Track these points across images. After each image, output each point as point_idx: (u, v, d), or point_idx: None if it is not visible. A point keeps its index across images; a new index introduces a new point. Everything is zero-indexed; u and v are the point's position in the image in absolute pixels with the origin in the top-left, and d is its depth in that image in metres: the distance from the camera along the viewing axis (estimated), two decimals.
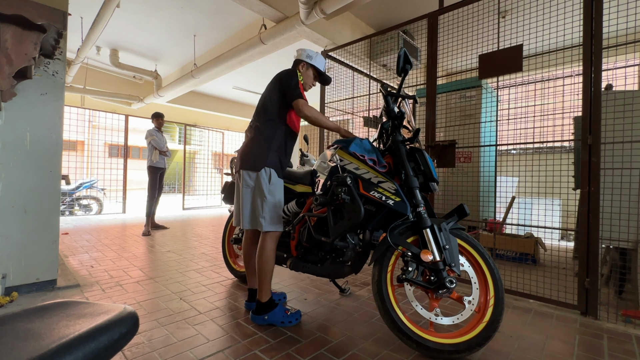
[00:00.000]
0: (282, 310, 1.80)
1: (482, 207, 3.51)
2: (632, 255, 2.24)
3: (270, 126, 1.82)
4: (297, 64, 2.01)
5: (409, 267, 1.48)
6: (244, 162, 1.82)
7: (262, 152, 1.79)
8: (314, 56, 1.99)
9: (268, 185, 1.77)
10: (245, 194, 1.82)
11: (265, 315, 1.77)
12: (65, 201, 6.05)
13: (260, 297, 1.78)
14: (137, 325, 0.59)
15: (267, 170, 1.78)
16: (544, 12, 2.53)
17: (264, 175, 1.77)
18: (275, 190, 1.79)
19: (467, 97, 3.55)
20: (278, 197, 1.80)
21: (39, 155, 2.21)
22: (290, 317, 1.80)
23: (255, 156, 1.79)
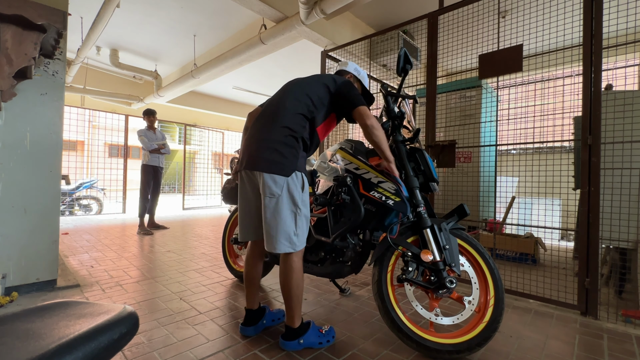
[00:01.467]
0: (315, 330, 1.57)
1: (482, 207, 3.51)
2: (632, 255, 2.24)
3: (302, 121, 1.49)
4: (343, 74, 1.80)
5: (409, 267, 1.48)
6: (264, 162, 1.42)
7: (292, 151, 1.43)
8: (361, 71, 1.86)
9: (301, 194, 1.44)
10: (269, 206, 1.42)
11: (301, 339, 1.51)
12: (65, 201, 6.05)
13: (293, 322, 1.51)
14: (137, 325, 0.59)
15: (299, 175, 1.45)
16: (544, 12, 2.53)
17: (295, 182, 1.42)
18: (307, 201, 1.50)
19: (467, 97, 3.55)
20: (308, 209, 1.51)
21: (39, 155, 2.21)
22: (327, 336, 1.58)
23: (283, 156, 1.42)
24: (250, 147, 1.51)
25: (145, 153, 4.51)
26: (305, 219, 1.48)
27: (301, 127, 1.49)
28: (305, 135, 1.50)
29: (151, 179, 4.56)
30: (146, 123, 4.63)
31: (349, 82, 1.62)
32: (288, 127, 1.46)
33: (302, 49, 5.20)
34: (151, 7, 4.48)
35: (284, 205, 1.42)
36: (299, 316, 1.53)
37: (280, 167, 1.41)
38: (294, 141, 1.46)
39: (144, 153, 4.52)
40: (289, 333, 1.53)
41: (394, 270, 1.61)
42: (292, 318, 1.51)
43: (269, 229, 1.44)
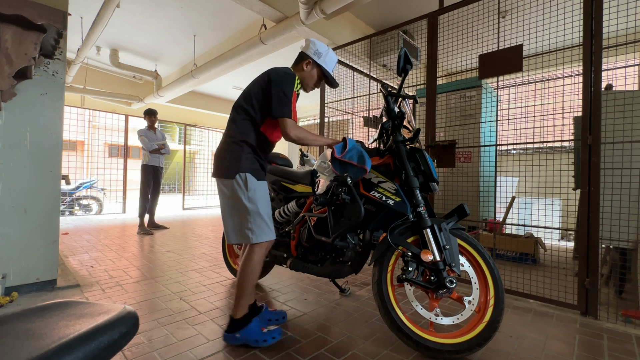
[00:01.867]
0: (258, 326, 1.57)
1: (482, 207, 3.51)
2: (632, 255, 2.24)
3: (246, 126, 1.59)
4: (302, 59, 1.73)
5: (409, 267, 1.48)
6: (216, 169, 1.60)
7: (234, 155, 1.56)
8: (324, 53, 1.72)
9: (246, 192, 1.54)
10: (224, 205, 1.60)
11: (237, 333, 1.54)
12: (65, 201, 6.05)
13: (235, 312, 1.58)
14: (137, 325, 0.59)
15: (242, 176, 1.54)
16: (544, 12, 2.53)
17: (240, 182, 1.54)
18: (257, 196, 1.56)
19: (467, 97, 3.55)
20: (262, 203, 1.57)
21: (39, 155, 2.21)
22: (267, 335, 1.55)
23: (227, 161, 1.57)
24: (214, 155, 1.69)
25: (146, 153, 4.50)
26: (257, 214, 1.55)
27: (246, 128, 1.59)
28: (250, 138, 1.59)
29: (151, 179, 4.56)
30: (147, 123, 4.62)
31: (281, 83, 1.56)
32: (229, 134, 1.62)
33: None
34: (151, 7, 4.48)
35: (234, 204, 1.57)
36: (242, 307, 1.58)
37: (225, 172, 1.57)
38: (235, 145, 1.58)
39: (144, 153, 4.52)
40: (230, 324, 1.58)
41: (394, 270, 1.61)
42: (236, 308, 1.59)
43: (225, 225, 1.62)
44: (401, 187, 1.63)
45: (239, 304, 1.58)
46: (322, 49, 1.73)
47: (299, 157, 2.75)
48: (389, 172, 1.69)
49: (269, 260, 2.18)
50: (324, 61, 1.72)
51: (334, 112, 3.88)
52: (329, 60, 1.74)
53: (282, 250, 2.06)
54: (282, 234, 2.09)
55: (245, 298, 1.58)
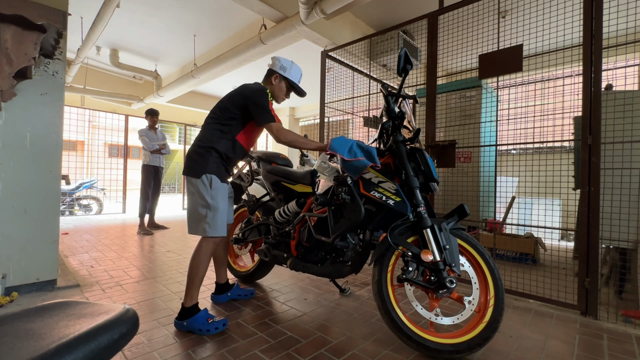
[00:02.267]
0: (204, 317, 1.69)
1: (482, 207, 3.51)
2: (632, 255, 2.24)
3: (216, 136, 1.78)
4: (270, 74, 1.96)
5: (409, 267, 1.48)
6: (186, 168, 1.80)
7: (203, 158, 1.75)
8: (289, 67, 1.94)
9: (210, 191, 1.73)
10: (189, 201, 1.79)
11: (184, 322, 1.68)
12: (65, 201, 6.05)
13: (185, 301, 1.72)
14: (137, 325, 0.59)
15: (208, 177, 1.74)
16: (544, 12, 2.53)
17: (205, 182, 1.73)
18: (218, 196, 1.75)
19: (467, 97, 3.55)
20: (221, 203, 1.76)
21: (39, 155, 2.21)
22: (210, 326, 1.67)
23: (196, 162, 1.75)
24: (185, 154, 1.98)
25: (146, 153, 4.50)
26: (215, 211, 1.73)
27: (216, 138, 1.78)
28: (219, 145, 1.77)
29: (152, 179, 4.56)
30: (148, 123, 4.62)
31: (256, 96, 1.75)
32: (201, 139, 1.80)
33: (302, 49, 5.19)
34: (151, 7, 4.48)
35: (197, 200, 1.75)
36: (190, 297, 1.72)
37: (193, 171, 1.75)
38: (204, 150, 1.76)
39: (145, 153, 4.51)
40: (180, 312, 1.73)
41: (394, 270, 1.61)
42: (185, 297, 1.73)
43: (188, 217, 1.79)
44: (401, 187, 1.63)
45: (189, 293, 1.73)
46: (287, 63, 1.95)
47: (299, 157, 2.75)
48: (389, 172, 1.70)
49: (269, 261, 2.18)
50: (290, 74, 1.94)
51: (334, 112, 3.88)
52: (294, 73, 1.96)
53: (282, 250, 2.06)
54: (282, 233, 2.09)
55: (194, 288, 1.74)
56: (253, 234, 2.32)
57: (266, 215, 2.25)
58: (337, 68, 3.78)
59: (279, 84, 1.95)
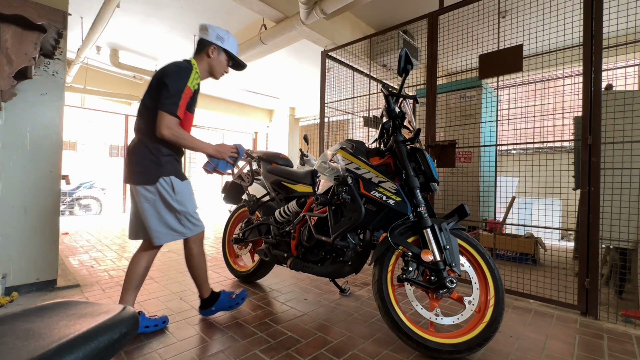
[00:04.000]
0: (227, 296, 1.86)
1: (482, 207, 3.51)
2: (632, 255, 2.24)
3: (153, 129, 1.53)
4: (205, 46, 1.68)
5: (409, 267, 1.48)
6: (134, 176, 1.55)
7: (152, 160, 1.55)
8: (226, 37, 1.71)
9: (174, 195, 1.56)
10: (149, 210, 1.55)
11: (213, 307, 1.83)
12: (65, 201, 6.05)
13: (202, 294, 1.83)
14: (137, 325, 0.59)
15: (167, 180, 1.55)
16: (544, 12, 2.53)
17: (165, 186, 1.54)
18: (184, 197, 1.61)
19: (467, 97, 3.55)
20: (189, 202, 1.64)
21: (39, 155, 2.21)
22: (237, 299, 1.87)
23: (146, 167, 1.54)
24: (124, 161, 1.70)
25: None
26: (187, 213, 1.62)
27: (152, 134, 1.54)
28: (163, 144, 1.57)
29: None
30: None
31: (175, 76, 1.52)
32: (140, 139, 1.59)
33: (302, 49, 5.19)
34: (151, 7, 4.48)
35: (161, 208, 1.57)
36: (205, 289, 1.82)
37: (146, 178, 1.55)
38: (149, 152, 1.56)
39: None
40: (202, 303, 1.84)
41: (394, 270, 1.61)
42: (201, 291, 1.82)
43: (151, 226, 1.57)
44: (401, 187, 1.63)
45: (202, 287, 1.81)
46: (222, 32, 1.71)
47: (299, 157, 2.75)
48: (389, 172, 1.70)
49: (269, 261, 2.18)
50: (228, 44, 1.73)
51: (334, 112, 3.88)
52: (231, 42, 1.75)
53: (283, 249, 2.06)
54: (282, 233, 2.09)
55: (204, 281, 1.81)
56: (253, 234, 2.32)
57: (266, 215, 2.25)
58: (337, 68, 3.78)
59: (217, 56, 1.71)
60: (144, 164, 1.55)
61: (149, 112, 1.57)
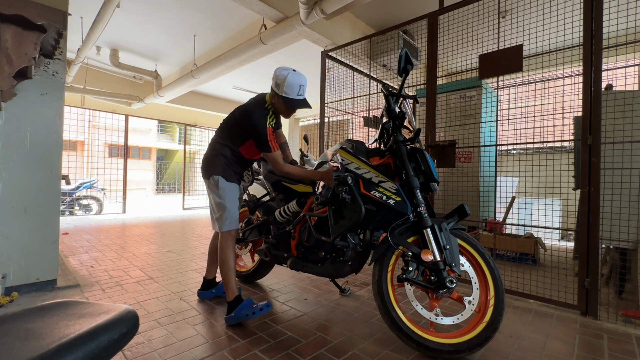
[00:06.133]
0: (249, 304, 1.77)
1: (482, 207, 3.51)
2: (632, 255, 2.24)
3: (222, 146, 1.93)
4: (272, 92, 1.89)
5: (409, 267, 1.48)
6: (201, 170, 1.98)
7: (212, 162, 1.92)
8: (281, 82, 1.79)
9: (217, 190, 1.89)
10: (208, 201, 2.00)
11: (232, 313, 1.77)
12: (65, 201, 6.05)
13: (228, 296, 1.83)
14: (137, 325, 0.59)
15: (215, 178, 1.89)
16: (544, 12, 2.53)
17: (212, 183, 1.91)
18: (225, 194, 1.89)
19: (467, 97, 3.55)
20: (229, 200, 1.89)
21: (39, 155, 2.21)
22: (255, 309, 1.77)
23: (207, 166, 1.94)
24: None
25: None
26: (225, 208, 1.88)
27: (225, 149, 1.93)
28: (226, 152, 1.92)
29: None
30: None
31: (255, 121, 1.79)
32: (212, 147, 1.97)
33: (302, 49, 5.19)
34: (151, 7, 4.48)
35: (210, 199, 1.97)
36: (231, 291, 1.82)
37: (204, 173, 1.96)
38: (214, 157, 1.93)
39: None
40: (228, 308, 1.82)
41: (394, 270, 1.61)
42: (226, 292, 1.85)
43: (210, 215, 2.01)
44: (402, 187, 1.63)
45: (228, 288, 1.84)
46: (280, 78, 1.81)
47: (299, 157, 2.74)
48: (389, 172, 1.70)
49: (269, 260, 2.18)
50: (283, 91, 1.81)
51: (334, 112, 3.88)
52: (288, 87, 1.80)
53: (283, 249, 2.06)
54: (282, 233, 2.09)
55: (230, 281, 1.84)
56: (253, 234, 2.32)
57: (266, 215, 2.25)
58: (337, 68, 3.78)
59: (277, 102, 1.88)
60: (207, 163, 1.95)
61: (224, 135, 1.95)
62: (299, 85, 1.82)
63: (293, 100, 1.83)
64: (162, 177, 16.34)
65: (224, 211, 1.88)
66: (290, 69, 1.83)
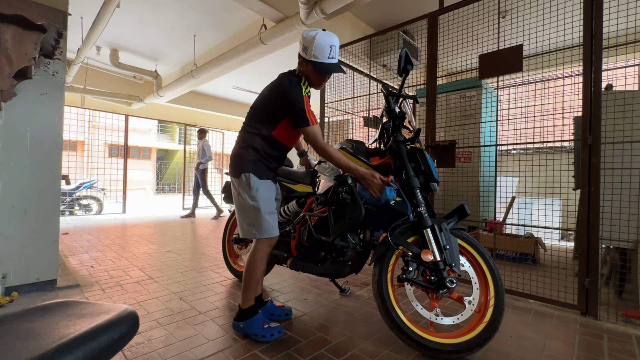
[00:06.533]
0: (260, 321, 1.63)
1: (482, 207, 3.51)
2: (632, 255, 2.24)
3: (251, 136, 1.65)
4: (299, 58, 1.65)
5: (409, 267, 1.48)
6: (229, 168, 1.73)
7: (241, 158, 1.65)
8: (309, 45, 1.56)
9: (249, 191, 1.61)
10: (235, 202, 1.71)
11: (241, 324, 1.64)
12: (65, 201, 6.05)
13: (242, 303, 1.68)
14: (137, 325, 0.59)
15: (246, 176, 1.62)
16: (544, 12, 2.53)
17: (243, 181, 1.63)
18: (259, 195, 1.62)
19: (467, 97, 3.55)
20: (264, 202, 1.63)
21: (39, 155, 2.21)
22: (266, 332, 1.60)
23: (235, 162, 1.67)
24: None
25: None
26: (259, 212, 1.62)
27: (254, 137, 1.66)
28: (256, 143, 1.65)
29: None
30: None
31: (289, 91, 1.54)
32: (238, 141, 1.72)
33: None
34: (151, 7, 4.48)
35: (240, 201, 1.67)
36: (246, 299, 1.68)
37: (232, 171, 1.69)
38: (242, 150, 1.67)
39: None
40: (238, 313, 1.69)
41: (395, 270, 1.61)
42: (242, 299, 1.69)
43: (237, 220, 1.72)
44: (402, 187, 1.63)
45: (245, 295, 1.68)
46: (307, 39, 1.57)
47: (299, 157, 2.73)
48: (389, 172, 1.69)
49: (270, 260, 2.18)
50: (312, 54, 1.57)
51: (334, 112, 3.88)
52: (317, 50, 1.55)
53: (283, 249, 2.06)
54: (282, 233, 2.09)
55: (249, 290, 1.67)
56: None
57: None
58: None
59: (305, 69, 1.64)
60: (235, 160, 1.68)
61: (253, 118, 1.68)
62: (330, 45, 1.57)
63: (323, 65, 1.58)
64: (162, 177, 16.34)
65: (258, 215, 1.61)
66: (318, 29, 1.61)
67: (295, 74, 1.67)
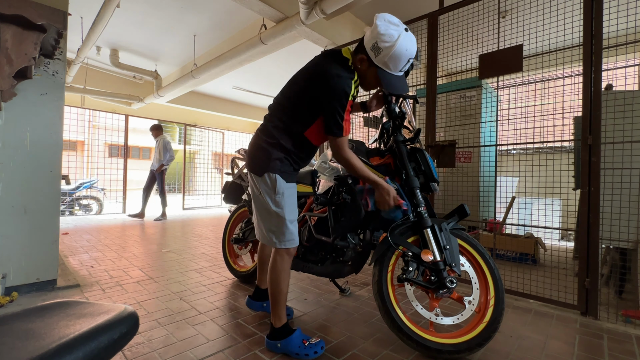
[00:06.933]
0: (299, 339, 1.49)
1: (482, 207, 3.51)
2: (632, 255, 2.24)
3: (278, 133, 1.44)
4: (358, 51, 1.36)
5: (409, 267, 1.48)
6: (249, 162, 1.52)
7: (267, 155, 1.44)
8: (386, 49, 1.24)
9: (273, 195, 1.43)
10: (254, 202, 1.53)
11: (279, 343, 1.48)
12: (65, 201, 6.05)
13: (274, 321, 1.52)
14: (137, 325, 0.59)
15: (272, 177, 1.42)
16: (544, 12, 2.53)
17: (267, 182, 1.43)
18: (284, 201, 1.44)
19: (467, 97, 3.55)
20: (288, 208, 1.45)
21: (39, 155, 2.21)
22: (309, 350, 1.45)
23: (258, 158, 1.46)
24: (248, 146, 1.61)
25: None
26: (283, 219, 1.45)
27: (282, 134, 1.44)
28: (286, 142, 1.44)
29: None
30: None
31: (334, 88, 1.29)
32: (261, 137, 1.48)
33: (302, 49, 5.19)
34: (151, 7, 4.48)
35: (261, 202, 1.49)
36: (278, 317, 1.51)
37: (254, 167, 1.48)
38: (267, 145, 1.45)
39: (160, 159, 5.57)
40: (271, 332, 1.53)
41: (395, 270, 1.61)
42: (273, 316, 1.52)
43: (255, 223, 1.58)
44: (402, 187, 1.63)
45: (276, 313, 1.51)
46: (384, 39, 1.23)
47: None
48: (389, 172, 1.69)
49: None
50: (384, 61, 1.27)
51: None
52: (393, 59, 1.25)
53: None
54: None
55: (279, 306, 1.50)
56: (253, 234, 2.32)
57: None
58: None
59: (366, 71, 1.36)
60: (258, 156, 1.47)
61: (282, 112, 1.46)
62: (408, 59, 1.28)
63: (392, 80, 1.30)
64: None
65: (282, 224, 1.44)
66: (401, 25, 1.25)
67: (346, 63, 1.36)
